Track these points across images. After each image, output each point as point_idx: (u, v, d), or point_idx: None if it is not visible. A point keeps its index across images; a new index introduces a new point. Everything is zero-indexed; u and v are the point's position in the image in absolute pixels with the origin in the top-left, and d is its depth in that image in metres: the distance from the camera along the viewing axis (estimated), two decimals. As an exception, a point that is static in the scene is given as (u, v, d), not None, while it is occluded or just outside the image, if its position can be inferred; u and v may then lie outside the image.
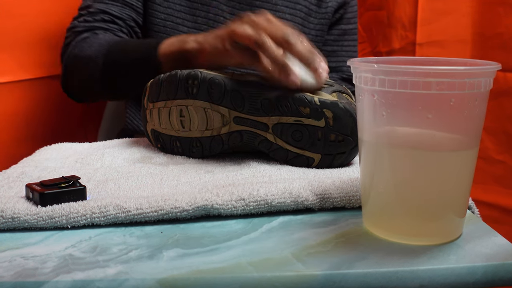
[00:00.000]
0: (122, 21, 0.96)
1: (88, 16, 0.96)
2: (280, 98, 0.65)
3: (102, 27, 0.95)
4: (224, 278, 0.42)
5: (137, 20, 0.98)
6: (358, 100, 0.50)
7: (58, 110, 1.14)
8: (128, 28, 0.97)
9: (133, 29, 0.98)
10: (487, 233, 0.50)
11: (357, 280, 0.43)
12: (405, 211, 0.48)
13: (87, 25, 0.95)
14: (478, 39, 1.18)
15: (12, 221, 0.50)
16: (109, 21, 0.96)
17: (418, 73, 0.44)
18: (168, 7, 0.97)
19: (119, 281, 0.41)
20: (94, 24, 0.95)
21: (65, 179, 0.55)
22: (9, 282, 0.41)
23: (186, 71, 0.69)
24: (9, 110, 1.03)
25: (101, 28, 0.95)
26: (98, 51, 0.89)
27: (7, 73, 1.02)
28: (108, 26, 0.95)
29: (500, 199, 1.19)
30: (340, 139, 0.65)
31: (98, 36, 0.93)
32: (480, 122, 0.47)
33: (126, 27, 0.97)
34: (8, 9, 1.00)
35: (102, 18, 0.95)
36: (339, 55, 1.11)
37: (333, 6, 1.08)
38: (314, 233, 0.50)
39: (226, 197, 0.53)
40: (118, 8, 0.96)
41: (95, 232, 0.50)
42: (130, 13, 0.97)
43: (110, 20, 0.96)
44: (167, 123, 0.71)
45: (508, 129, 1.15)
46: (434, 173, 0.46)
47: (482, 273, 0.44)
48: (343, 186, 0.56)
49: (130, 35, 0.98)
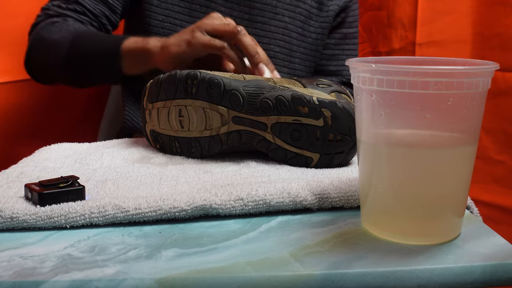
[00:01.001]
0: (94, 16, 0.97)
1: (63, 2, 0.97)
2: (279, 98, 0.65)
3: (73, 17, 0.96)
4: (223, 278, 0.42)
5: (110, 18, 0.99)
6: (356, 100, 0.50)
7: (58, 110, 1.14)
8: (100, 24, 0.98)
9: (104, 26, 0.99)
10: (486, 233, 0.50)
11: (355, 279, 0.43)
12: (403, 210, 0.48)
13: (59, 11, 0.96)
14: (478, 39, 1.18)
15: (11, 221, 0.50)
16: (81, 13, 0.97)
17: (416, 73, 0.44)
18: (166, 9, 0.97)
19: (117, 281, 0.42)
20: (66, 12, 0.96)
21: (64, 179, 0.55)
22: (8, 282, 0.41)
23: (186, 71, 0.69)
24: (9, 110, 1.03)
25: (71, 17, 0.96)
26: (64, 37, 0.91)
27: (7, 73, 1.02)
28: (78, 17, 0.96)
29: (500, 199, 1.19)
30: (339, 139, 0.65)
31: (68, 22, 0.94)
32: (478, 122, 0.47)
33: (97, 22, 0.98)
34: (8, 9, 1.00)
35: (74, 8, 0.96)
36: (339, 58, 1.11)
37: (335, 10, 1.07)
38: (312, 233, 0.50)
39: (224, 197, 0.53)
40: (92, 2, 0.97)
41: (94, 232, 0.50)
42: (104, 9, 0.98)
43: (81, 11, 0.97)
44: (166, 123, 0.71)
45: (507, 129, 1.15)
46: (432, 172, 0.47)
47: (480, 273, 0.44)
48: (341, 186, 0.56)
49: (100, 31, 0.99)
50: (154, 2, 0.97)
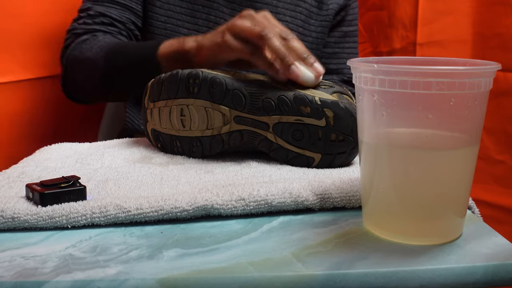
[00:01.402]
0: (122, 24, 0.97)
1: (88, 18, 0.96)
2: (282, 98, 0.65)
3: (102, 30, 0.95)
4: (224, 278, 0.42)
5: (137, 23, 0.98)
6: (358, 100, 0.50)
7: (58, 110, 1.14)
8: (128, 31, 0.97)
9: (132, 32, 0.98)
10: (487, 233, 0.50)
11: (357, 280, 0.43)
12: (405, 211, 0.48)
13: (87, 28, 0.95)
14: (478, 39, 1.18)
15: (12, 221, 0.50)
16: (109, 24, 0.96)
17: (418, 73, 0.44)
18: (168, 10, 0.97)
19: (119, 281, 0.42)
20: (93, 26, 0.95)
21: (65, 179, 0.55)
22: (9, 282, 0.41)
23: (187, 71, 0.69)
24: (9, 110, 1.03)
25: (100, 31, 0.95)
26: (97, 53, 0.89)
27: (8, 73, 1.02)
28: (107, 29, 0.95)
29: (501, 199, 1.19)
30: (341, 139, 0.65)
31: (98, 38, 0.93)
32: (480, 122, 0.47)
33: (126, 30, 0.97)
34: (8, 9, 1.00)
35: (101, 21, 0.95)
36: (340, 57, 1.11)
37: (334, 8, 1.07)
38: (314, 233, 0.50)
39: (226, 197, 0.53)
40: (117, 11, 0.96)
41: (95, 232, 0.50)
42: (130, 16, 0.97)
43: (109, 23, 0.96)
44: (167, 122, 0.71)
45: (508, 129, 1.15)
46: (434, 172, 0.46)
47: (482, 273, 0.44)
48: (343, 186, 0.56)
49: (130, 38, 0.98)
50: (157, 3, 0.97)
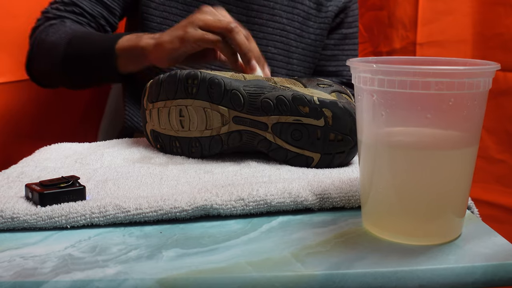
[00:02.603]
0: (92, 17, 0.97)
1: (61, 5, 0.98)
2: (280, 98, 0.65)
3: (71, 18, 0.96)
4: (224, 278, 0.42)
5: (109, 19, 0.99)
6: (357, 100, 0.50)
7: (58, 110, 1.14)
8: (98, 25, 0.98)
9: (103, 27, 0.99)
10: (487, 233, 0.50)
11: (357, 280, 0.43)
12: (404, 211, 0.48)
13: (57, 13, 0.97)
14: (479, 39, 1.18)
15: (12, 221, 0.50)
16: (79, 14, 0.97)
17: (417, 73, 0.44)
18: (164, 11, 0.97)
19: (118, 281, 0.42)
20: (63, 14, 0.97)
21: (64, 179, 0.55)
22: (9, 282, 0.41)
23: (186, 71, 0.69)
24: (9, 110, 1.03)
25: (69, 19, 0.96)
26: (62, 38, 0.91)
27: (7, 73, 1.02)
28: (76, 18, 0.97)
29: (501, 198, 1.19)
30: (340, 139, 0.65)
31: (65, 24, 0.94)
32: (479, 122, 0.47)
33: (96, 23, 0.98)
34: (8, 9, 1.00)
35: (72, 10, 0.97)
36: (339, 59, 1.10)
37: (334, 10, 1.07)
38: (313, 233, 0.50)
39: (225, 197, 0.53)
40: (90, 4, 0.97)
41: (95, 232, 0.50)
42: (102, 11, 0.98)
43: (79, 13, 0.97)
44: (166, 123, 0.71)
45: (508, 128, 1.15)
46: (433, 172, 0.46)
47: (482, 273, 0.44)
48: (342, 186, 0.56)
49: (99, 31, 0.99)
50: (152, 5, 0.97)
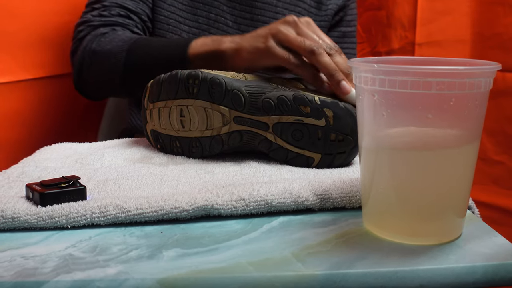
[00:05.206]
0: (137, 16, 0.95)
1: (103, 10, 0.94)
2: (281, 98, 0.65)
3: (119, 22, 0.93)
4: (224, 278, 0.42)
5: (149, 15, 0.97)
6: (358, 100, 0.50)
7: (58, 110, 1.14)
8: (142, 24, 0.96)
9: (145, 24, 0.97)
10: (487, 233, 0.50)
11: (357, 280, 0.43)
12: (405, 211, 0.48)
13: (104, 20, 0.93)
14: (477, 39, 1.18)
15: (12, 221, 0.50)
16: (125, 16, 0.94)
17: (418, 73, 0.44)
18: (171, 5, 0.97)
19: (119, 281, 0.42)
20: (111, 19, 0.93)
21: (65, 179, 0.55)
22: (9, 282, 0.41)
23: (187, 71, 0.69)
24: (9, 110, 1.03)
25: (118, 23, 0.93)
26: (120, 46, 0.87)
27: (7, 73, 1.02)
28: (125, 21, 0.94)
29: (499, 200, 1.19)
30: (340, 139, 0.65)
31: (117, 32, 0.91)
32: (480, 122, 0.47)
33: (141, 23, 0.96)
34: (8, 9, 1.00)
35: (118, 13, 0.94)
36: None
37: (333, 8, 1.08)
38: (314, 233, 0.50)
39: (226, 197, 0.53)
40: (133, 3, 0.95)
41: (95, 232, 0.50)
42: (144, 8, 0.96)
43: (126, 15, 0.94)
44: (167, 123, 0.71)
45: (507, 129, 1.15)
46: (434, 172, 0.47)
47: (482, 273, 0.44)
48: (343, 186, 0.56)
49: (144, 31, 0.97)
50: None
